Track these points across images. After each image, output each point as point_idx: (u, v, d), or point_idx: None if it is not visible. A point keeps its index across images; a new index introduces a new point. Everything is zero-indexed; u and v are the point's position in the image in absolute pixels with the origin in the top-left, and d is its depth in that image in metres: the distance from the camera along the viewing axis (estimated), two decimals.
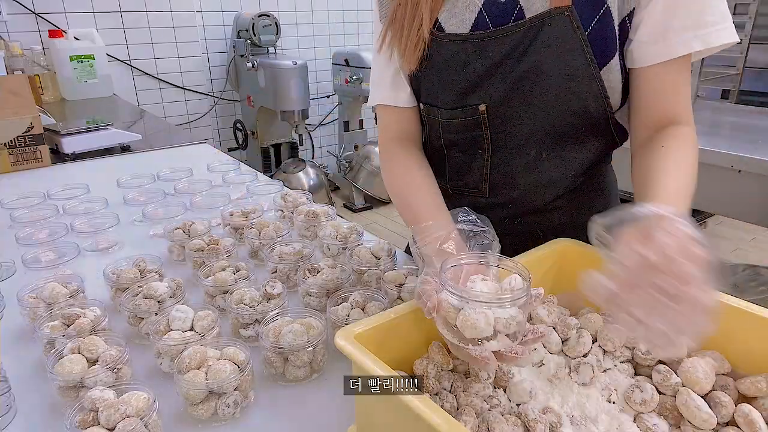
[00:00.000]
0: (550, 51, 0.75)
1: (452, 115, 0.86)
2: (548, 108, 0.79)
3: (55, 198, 1.41)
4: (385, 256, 0.97)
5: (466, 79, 0.81)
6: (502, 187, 0.90)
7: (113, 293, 0.93)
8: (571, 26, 0.72)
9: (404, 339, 0.61)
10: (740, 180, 1.85)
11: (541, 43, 0.75)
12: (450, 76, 0.83)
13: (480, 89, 0.81)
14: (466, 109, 0.84)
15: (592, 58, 0.74)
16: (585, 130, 0.82)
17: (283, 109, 3.46)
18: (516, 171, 0.87)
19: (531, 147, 0.84)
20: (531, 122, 0.81)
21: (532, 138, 0.83)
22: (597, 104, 0.78)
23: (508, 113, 0.82)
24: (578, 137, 0.83)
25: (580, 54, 0.74)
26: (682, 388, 0.56)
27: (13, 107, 1.58)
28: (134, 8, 3.08)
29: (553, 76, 0.76)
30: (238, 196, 1.42)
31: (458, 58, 0.81)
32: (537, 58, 0.75)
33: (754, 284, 2.38)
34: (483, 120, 0.83)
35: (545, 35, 0.74)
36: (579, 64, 0.74)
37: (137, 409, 0.60)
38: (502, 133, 0.84)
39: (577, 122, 0.81)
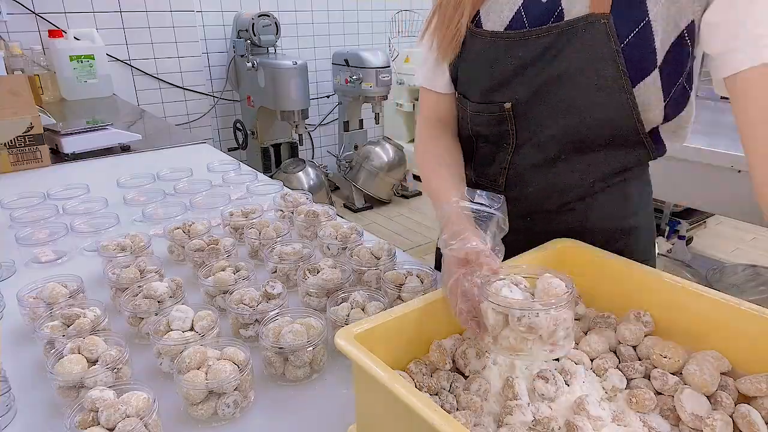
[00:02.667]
0: (580, 57, 0.74)
1: (479, 109, 0.88)
2: (572, 114, 0.78)
3: (55, 198, 1.41)
4: (385, 256, 0.97)
5: (493, 77, 0.82)
6: (517, 183, 0.90)
7: (113, 293, 0.93)
8: (607, 35, 0.71)
9: (404, 339, 0.61)
10: (740, 180, 1.85)
11: (573, 49, 0.74)
12: (478, 71, 0.84)
13: (506, 88, 0.82)
14: (492, 105, 0.85)
15: (624, 71, 0.72)
16: (612, 140, 0.80)
17: (283, 109, 3.46)
18: (532, 170, 0.87)
19: (551, 149, 0.83)
20: (554, 125, 0.81)
21: (554, 140, 0.83)
22: (626, 118, 0.76)
23: (532, 113, 0.82)
24: (602, 146, 0.81)
25: (612, 65, 0.72)
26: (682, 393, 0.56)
27: (13, 107, 1.58)
28: (134, 8, 3.08)
29: (581, 84, 0.75)
30: (238, 196, 1.42)
31: (488, 56, 0.82)
32: (567, 64, 0.75)
33: (753, 284, 2.38)
34: (508, 116, 0.84)
35: (578, 41, 0.73)
36: (609, 75, 0.73)
37: (137, 409, 0.60)
38: (526, 131, 0.85)
39: (603, 132, 0.79)
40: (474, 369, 0.61)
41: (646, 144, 0.81)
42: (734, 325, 0.58)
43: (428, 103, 0.96)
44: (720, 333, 0.60)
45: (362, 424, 0.59)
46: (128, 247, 1.02)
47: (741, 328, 0.58)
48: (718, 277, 2.43)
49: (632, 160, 0.84)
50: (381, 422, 0.55)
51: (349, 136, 4.17)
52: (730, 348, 0.59)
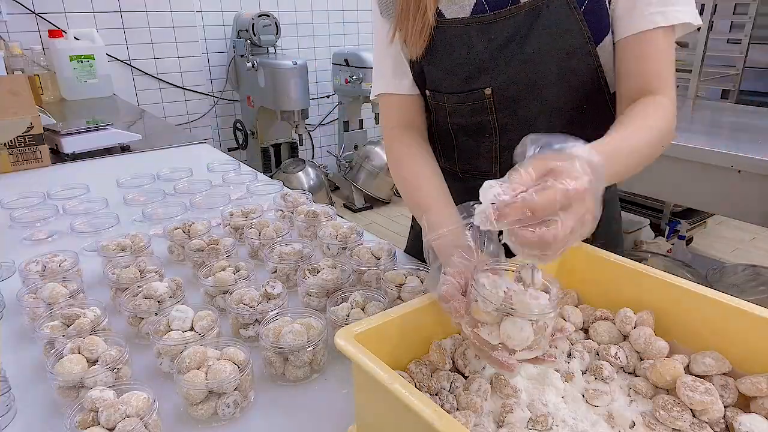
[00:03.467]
0: (550, 32, 0.78)
1: (458, 100, 0.88)
2: (551, 87, 0.82)
3: (55, 198, 1.41)
4: (385, 256, 0.97)
5: (470, 63, 0.84)
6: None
7: (113, 293, 0.93)
8: (568, 7, 0.77)
9: (404, 339, 0.61)
10: (740, 180, 1.85)
11: (541, 26, 0.78)
12: (455, 60, 0.85)
13: (485, 73, 0.84)
14: (472, 93, 0.86)
15: (589, 36, 0.78)
16: (587, 107, 0.85)
17: (283, 109, 3.46)
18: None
19: (537, 127, 0.86)
20: (537, 103, 0.84)
21: (539, 118, 0.85)
22: (594, 80, 0.82)
23: (514, 96, 0.84)
24: (581, 114, 0.86)
25: (578, 32, 0.78)
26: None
27: (13, 107, 1.58)
28: (134, 8, 3.08)
29: (555, 57, 0.80)
30: (238, 196, 1.42)
31: (462, 42, 0.83)
32: (539, 41, 0.79)
33: (754, 284, 2.38)
34: (489, 104, 0.86)
35: (544, 18, 0.78)
36: (577, 42, 0.78)
37: (137, 409, 0.60)
38: (509, 116, 0.87)
39: (579, 100, 0.84)
40: (474, 369, 0.61)
41: (610, 107, 0.86)
42: (734, 325, 0.58)
43: (392, 109, 0.95)
44: (720, 333, 0.60)
45: (362, 424, 0.59)
46: (128, 247, 1.02)
47: (741, 328, 0.58)
48: (718, 278, 2.43)
49: (605, 123, 0.87)
50: (381, 422, 0.55)
51: (349, 136, 4.17)
52: (730, 348, 0.59)
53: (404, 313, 0.60)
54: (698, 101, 3.15)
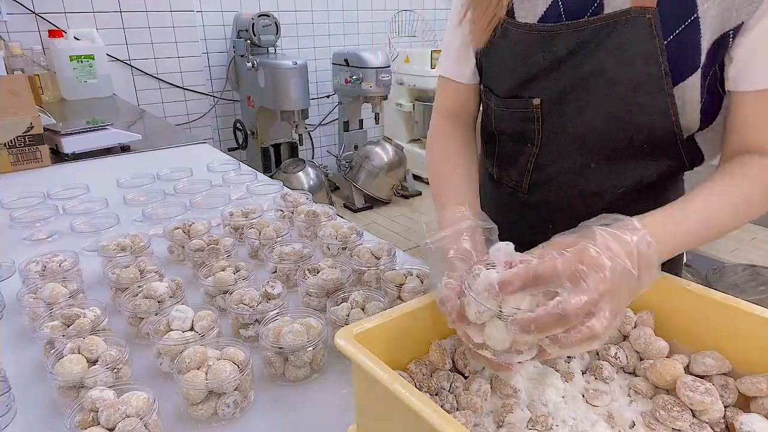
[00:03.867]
0: (620, 54, 0.69)
1: (506, 104, 0.84)
2: (606, 115, 0.74)
3: (55, 198, 1.41)
4: (385, 256, 0.97)
5: (524, 71, 0.78)
6: (541, 187, 0.87)
7: (113, 293, 0.93)
8: (650, 31, 0.66)
9: (404, 339, 0.61)
10: None
11: (612, 44, 0.69)
12: (509, 64, 0.80)
13: (537, 83, 0.78)
14: (520, 101, 0.81)
15: (667, 71, 0.68)
16: (647, 146, 0.76)
17: (283, 109, 3.46)
18: (559, 173, 0.84)
19: (580, 152, 0.80)
20: (585, 126, 0.77)
21: (584, 143, 0.79)
22: (664, 122, 0.72)
23: (562, 112, 0.78)
24: (637, 153, 0.77)
25: (654, 64, 0.68)
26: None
27: (13, 107, 1.58)
28: (134, 8, 3.08)
29: (618, 83, 0.71)
30: (238, 196, 1.42)
31: (520, 49, 0.77)
32: (604, 60, 0.71)
33: (753, 284, 2.38)
34: (536, 114, 0.80)
35: (618, 36, 0.68)
36: (650, 74, 0.69)
37: (137, 409, 0.60)
38: (553, 132, 0.81)
39: (637, 137, 0.75)
40: (474, 369, 0.61)
41: (682, 152, 0.77)
42: (734, 324, 0.58)
43: (447, 94, 0.91)
44: (720, 333, 0.60)
45: (362, 424, 0.59)
46: (128, 247, 1.02)
47: (741, 327, 0.58)
48: (718, 277, 2.43)
49: (666, 170, 0.79)
50: (381, 422, 0.55)
51: (349, 136, 4.17)
52: (729, 348, 0.59)
53: (404, 313, 0.60)
54: None
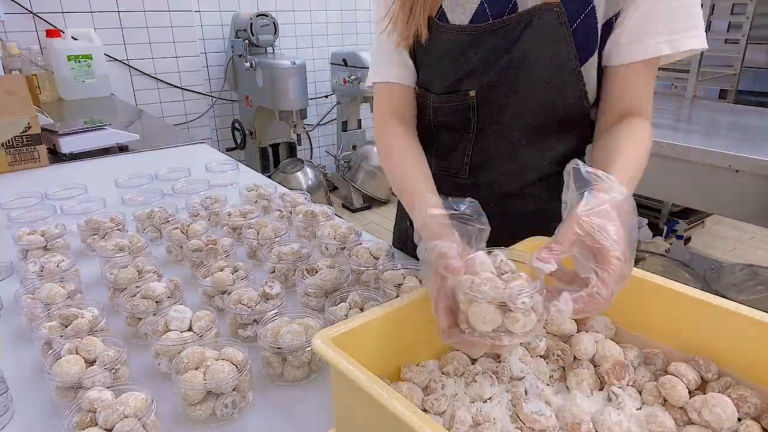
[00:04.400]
0: (537, 42, 0.81)
1: (444, 100, 0.91)
2: (531, 97, 0.85)
3: (53, 198, 1.41)
4: (383, 256, 0.97)
5: (460, 68, 0.87)
6: (481, 169, 0.95)
7: (111, 293, 0.92)
8: (559, 21, 0.79)
9: (384, 340, 0.60)
10: (738, 179, 1.86)
11: (529, 35, 0.81)
12: (445, 65, 0.88)
13: (471, 77, 0.87)
14: (458, 95, 0.89)
15: (575, 53, 0.81)
16: (563, 122, 0.88)
17: (281, 109, 3.46)
18: (495, 155, 0.93)
19: (512, 133, 0.90)
20: (514, 109, 0.87)
21: (514, 124, 0.89)
22: (575, 98, 0.85)
23: (494, 99, 0.87)
24: (557, 128, 0.89)
25: (565, 48, 0.80)
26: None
27: (11, 107, 1.58)
28: (132, 8, 3.08)
29: (539, 67, 0.83)
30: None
31: (454, 49, 0.86)
32: (525, 48, 0.81)
33: (752, 284, 2.38)
34: (472, 104, 0.89)
35: (535, 27, 0.80)
36: (563, 57, 0.81)
37: (135, 409, 0.60)
38: (487, 118, 0.90)
39: (556, 114, 0.87)
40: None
41: (587, 126, 0.90)
42: (726, 326, 0.58)
43: (385, 97, 0.95)
44: (710, 335, 0.60)
45: (341, 427, 0.58)
46: (126, 247, 1.02)
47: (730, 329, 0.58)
48: (716, 277, 2.43)
49: (578, 141, 0.93)
50: (360, 425, 0.54)
51: (347, 136, 4.17)
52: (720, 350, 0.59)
53: (381, 315, 0.59)
54: (696, 101, 3.15)
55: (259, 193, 1.35)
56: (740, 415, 0.54)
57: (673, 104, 2.91)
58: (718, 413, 0.52)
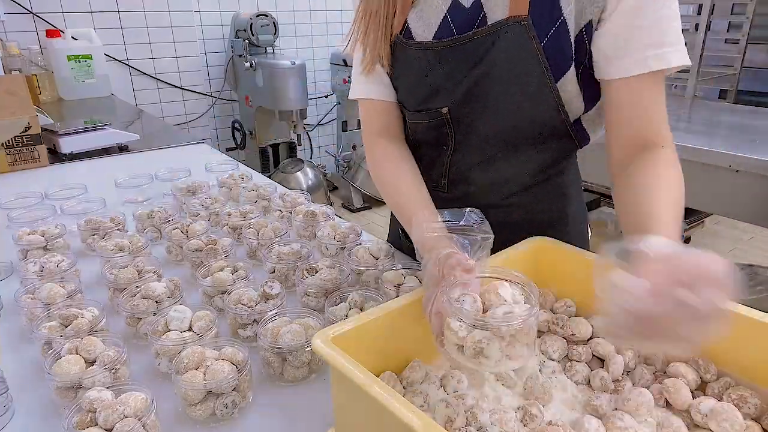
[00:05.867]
0: (505, 58, 0.76)
1: (416, 117, 0.90)
2: (503, 113, 0.82)
3: (53, 198, 1.41)
4: (383, 256, 0.97)
5: (427, 85, 0.85)
6: (459, 183, 0.94)
7: (111, 293, 0.92)
8: (527, 35, 0.74)
9: (383, 341, 0.60)
10: (738, 179, 1.86)
11: (497, 50, 0.76)
12: (412, 81, 0.86)
13: (442, 94, 0.84)
14: (430, 112, 0.88)
15: (546, 68, 0.75)
16: (542, 134, 0.85)
17: (281, 109, 3.45)
18: (472, 169, 0.91)
19: (487, 147, 0.88)
20: (487, 124, 0.85)
21: (489, 139, 0.87)
22: (552, 112, 0.80)
23: (468, 114, 0.85)
24: (535, 141, 0.86)
25: (536, 64, 0.75)
26: None
27: (11, 107, 1.58)
28: (132, 8, 3.08)
29: (508, 83, 0.78)
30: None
31: (420, 65, 0.84)
32: (493, 63, 0.77)
33: (751, 284, 2.38)
34: (446, 120, 0.87)
35: (502, 42, 0.76)
36: (534, 73, 0.76)
37: (135, 409, 0.60)
38: (463, 133, 0.88)
39: (533, 127, 0.83)
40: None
41: (572, 135, 0.85)
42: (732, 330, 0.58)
43: (371, 114, 0.94)
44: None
45: (341, 427, 0.58)
46: (126, 247, 1.02)
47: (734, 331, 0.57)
48: None
49: (562, 151, 0.90)
50: (359, 425, 0.54)
51: (347, 136, 4.17)
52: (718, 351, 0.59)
53: (381, 315, 0.59)
54: (696, 101, 3.15)
55: (259, 193, 1.35)
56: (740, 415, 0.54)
57: (673, 104, 2.91)
58: (726, 428, 0.52)
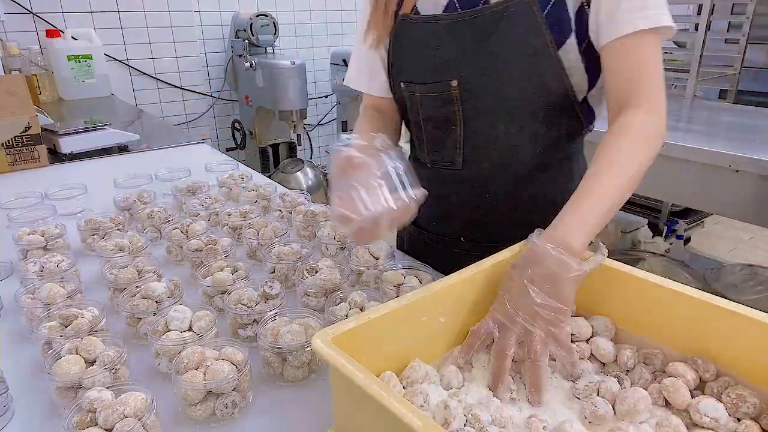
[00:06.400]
0: (513, 33, 0.84)
1: (427, 90, 0.94)
2: (513, 85, 0.88)
3: (53, 198, 1.41)
4: (383, 256, 0.97)
5: (439, 56, 0.91)
6: (474, 160, 0.97)
7: (111, 293, 0.92)
8: (531, 9, 0.82)
9: (383, 341, 0.60)
10: (738, 179, 1.86)
11: (505, 26, 0.84)
12: (424, 54, 0.92)
13: (452, 66, 0.90)
14: (440, 84, 0.92)
15: (550, 39, 0.82)
16: (550, 109, 0.90)
17: (281, 109, 3.45)
18: (486, 144, 0.95)
19: (499, 122, 0.92)
20: (498, 98, 0.90)
21: (500, 114, 0.91)
22: (558, 83, 0.86)
23: (478, 89, 0.90)
24: (545, 116, 0.90)
25: (539, 34, 0.82)
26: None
27: (11, 107, 1.58)
28: (132, 8, 3.07)
29: (516, 55, 0.85)
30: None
31: (431, 38, 0.90)
32: (502, 38, 0.85)
33: (751, 284, 2.38)
34: (455, 95, 0.92)
35: (509, 19, 0.83)
36: (538, 43, 0.83)
37: (135, 409, 0.60)
38: (473, 108, 0.92)
39: (541, 100, 0.88)
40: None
41: (578, 111, 0.91)
42: (726, 328, 0.58)
43: (366, 99, 1.07)
44: (707, 335, 0.60)
45: (341, 427, 0.58)
46: (126, 247, 1.02)
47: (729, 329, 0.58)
48: (716, 277, 2.43)
49: (570, 129, 0.94)
50: (359, 425, 0.54)
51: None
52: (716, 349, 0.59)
53: (382, 315, 0.59)
54: (696, 101, 3.15)
55: (259, 193, 1.35)
56: (739, 415, 0.54)
57: (673, 104, 2.90)
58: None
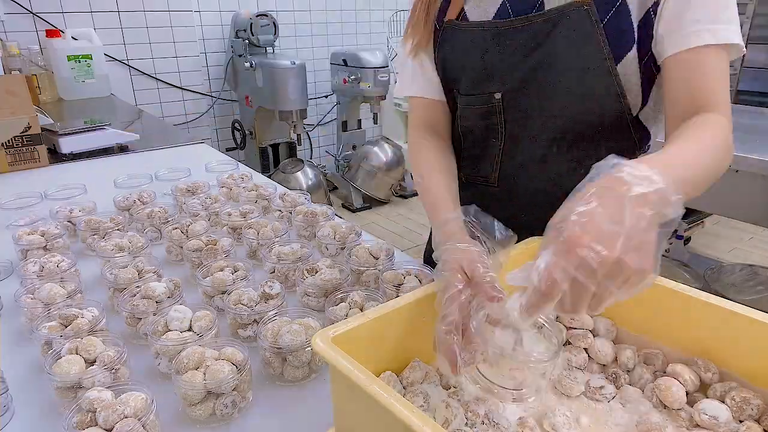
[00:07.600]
0: (566, 43, 0.76)
1: (469, 102, 0.89)
2: (562, 102, 0.81)
3: (53, 198, 1.41)
4: (383, 256, 0.97)
5: (483, 66, 0.84)
6: (511, 177, 0.92)
7: (111, 293, 0.92)
8: (589, 20, 0.74)
9: (383, 341, 0.60)
10: (738, 179, 1.86)
11: (558, 35, 0.77)
12: (469, 62, 0.86)
13: (496, 77, 0.84)
14: (482, 96, 0.87)
15: (608, 51, 0.75)
16: (602, 129, 0.82)
17: (281, 109, 3.45)
18: (526, 162, 0.89)
19: (543, 140, 0.85)
20: (545, 115, 0.83)
21: (545, 131, 0.84)
22: (613, 101, 0.79)
23: (522, 103, 0.84)
24: (593, 136, 0.83)
25: (596, 47, 0.75)
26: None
27: (11, 107, 1.58)
28: (132, 8, 3.08)
29: (568, 69, 0.78)
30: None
31: (477, 45, 0.84)
32: (553, 49, 0.77)
33: (751, 284, 2.38)
34: (498, 108, 0.86)
35: (563, 27, 0.76)
36: (594, 57, 0.76)
37: (135, 409, 0.60)
38: (516, 123, 0.86)
39: (592, 119, 0.81)
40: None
41: (631, 130, 0.83)
42: (727, 328, 0.58)
43: (416, 110, 0.97)
44: (708, 336, 0.60)
45: (341, 427, 0.58)
46: (126, 247, 1.02)
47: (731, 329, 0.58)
48: (716, 277, 2.43)
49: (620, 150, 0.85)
50: (360, 425, 0.54)
51: (347, 136, 4.17)
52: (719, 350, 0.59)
53: (382, 315, 0.59)
54: None
55: (259, 193, 1.35)
56: (743, 416, 0.54)
57: None
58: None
